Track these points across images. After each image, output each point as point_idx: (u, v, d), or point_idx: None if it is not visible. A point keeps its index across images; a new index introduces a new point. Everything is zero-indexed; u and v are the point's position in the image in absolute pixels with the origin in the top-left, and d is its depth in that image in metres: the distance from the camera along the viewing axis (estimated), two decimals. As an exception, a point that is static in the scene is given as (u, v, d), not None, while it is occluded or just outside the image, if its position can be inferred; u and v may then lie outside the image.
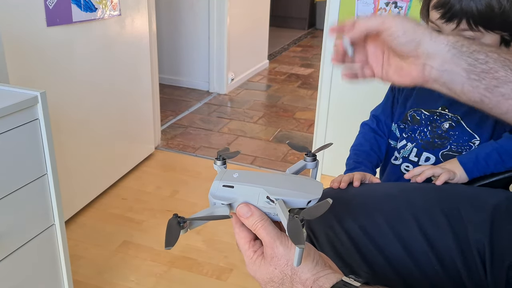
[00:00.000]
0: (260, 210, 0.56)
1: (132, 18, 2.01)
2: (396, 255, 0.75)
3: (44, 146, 1.09)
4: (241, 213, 0.56)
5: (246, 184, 0.57)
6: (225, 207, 0.57)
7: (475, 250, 0.72)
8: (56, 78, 1.64)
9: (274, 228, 0.55)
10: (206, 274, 1.58)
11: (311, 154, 0.65)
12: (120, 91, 2.04)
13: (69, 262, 1.25)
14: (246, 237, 0.57)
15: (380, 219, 0.78)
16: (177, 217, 0.53)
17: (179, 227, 0.53)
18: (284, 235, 0.54)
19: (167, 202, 2.01)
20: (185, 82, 3.60)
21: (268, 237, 0.54)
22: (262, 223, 0.54)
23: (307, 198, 0.55)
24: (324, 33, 1.99)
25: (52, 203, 1.15)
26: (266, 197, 0.55)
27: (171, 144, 2.61)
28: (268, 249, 0.54)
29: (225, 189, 0.57)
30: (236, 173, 0.58)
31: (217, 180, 0.58)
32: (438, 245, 0.74)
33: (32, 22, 1.49)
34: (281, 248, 0.53)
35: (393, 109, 1.09)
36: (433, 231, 0.74)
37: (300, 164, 0.65)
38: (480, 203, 0.76)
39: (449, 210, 0.75)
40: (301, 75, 4.17)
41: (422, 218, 0.76)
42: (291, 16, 6.35)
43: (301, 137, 2.78)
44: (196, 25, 3.38)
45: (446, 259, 0.73)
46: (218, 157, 0.64)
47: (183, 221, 0.53)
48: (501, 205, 0.75)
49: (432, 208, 0.77)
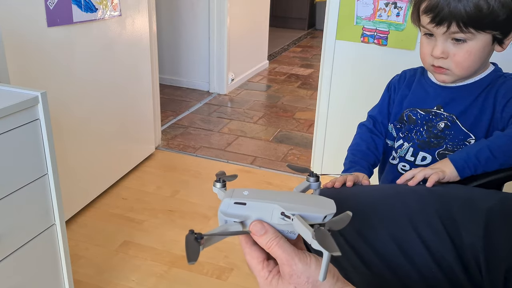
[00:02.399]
0: (274, 228, 0.54)
1: (132, 18, 2.02)
2: (392, 257, 0.75)
3: (45, 146, 1.09)
4: (255, 231, 0.53)
5: (259, 200, 0.55)
6: (237, 225, 0.55)
7: (470, 255, 0.71)
8: (57, 78, 1.65)
9: (290, 246, 0.52)
10: (206, 274, 1.58)
11: (314, 174, 0.63)
12: (121, 91, 2.04)
13: (70, 262, 1.25)
14: (259, 256, 0.54)
15: (376, 221, 0.77)
16: (193, 233, 0.51)
17: (197, 243, 0.50)
18: (301, 252, 0.52)
19: (167, 202, 2.01)
20: (185, 82, 3.60)
21: (284, 254, 0.51)
22: (278, 241, 0.52)
23: (323, 213, 0.54)
24: (324, 33, 2.00)
25: (52, 203, 1.15)
26: (281, 213, 0.53)
27: (171, 144, 2.61)
28: (286, 267, 0.51)
29: (237, 207, 0.55)
30: (246, 191, 0.56)
31: (228, 197, 0.55)
32: (435, 248, 0.73)
33: (32, 22, 1.50)
34: (300, 264, 0.51)
35: (390, 109, 1.09)
36: (429, 235, 0.74)
37: (305, 184, 0.64)
38: (473, 206, 0.75)
39: (443, 213, 0.75)
40: (301, 75, 4.18)
41: (417, 221, 0.75)
42: (291, 16, 6.35)
43: (301, 137, 2.78)
44: (196, 25, 3.38)
45: (443, 262, 0.72)
46: (218, 180, 0.62)
47: (200, 237, 0.51)
48: (494, 207, 0.74)
49: (427, 211, 0.76)
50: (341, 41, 1.97)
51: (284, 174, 2.31)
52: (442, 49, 0.90)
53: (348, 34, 1.94)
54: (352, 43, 1.95)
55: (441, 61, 0.92)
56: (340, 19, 1.92)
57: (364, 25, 1.90)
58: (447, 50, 0.90)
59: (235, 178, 0.65)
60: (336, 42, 1.97)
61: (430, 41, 0.92)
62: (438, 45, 0.90)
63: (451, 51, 0.90)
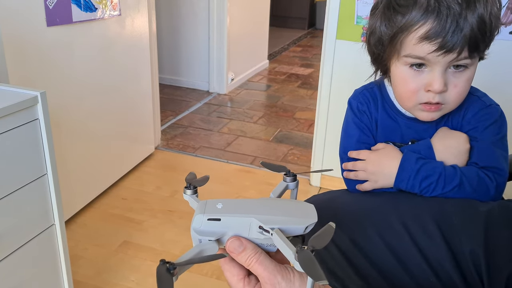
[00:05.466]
0: (252, 243, 0.50)
1: (132, 18, 2.01)
2: (389, 267, 0.72)
3: (44, 146, 1.09)
4: (232, 249, 0.49)
5: (235, 214, 0.50)
6: (213, 243, 0.51)
7: (470, 261, 0.69)
8: (56, 78, 1.64)
9: (271, 262, 0.49)
10: (206, 274, 1.58)
11: (291, 174, 0.60)
12: (120, 91, 2.04)
13: (69, 262, 1.25)
14: (239, 274, 0.51)
15: (370, 229, 0.74)
16: (165, 263, 0.46)
17: (170, 275, 0.46)
18: (283, 267, 0.49)
19: (167, 202, 2.01)
20: (185, 82, 3.60)
21: (266, 272, 0.48)
22: (257, 257, 0.49)
23: (304, 223, 0.50)
24: (324, 33, 1.99)
25: (52, 203, 1.15)
26: (259, 227, 0.49)
27: (171, 144, 2.61)
28: (268, 286, 0.48)
29: (211, 223, 0.50)
30: (220, 203, 0.51)
31: (200, 213, 0.50)
32: (431, 256, 0.70)
33: (32, 22, 1.49)
34: (284, 283, 0.48)
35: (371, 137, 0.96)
36: (424, 241, 0.71)
37: (282, 185, 0.60)
38: (472, 210, 0.73)
39: (440, 218, 0.72)
40: (301, 75, 4.17)
41: (412, 227, 0.72)
42: (291, 16, 6.36)
43: (301, 137, 2.78)
44: (196, 25, 3.38)
45: (440, 270, 0.70)
46: (188, 186, 0.57)
47: (173, 268, 0.46)
48: (493, 211, 0.72)
49: (422, 215, 0.73)
50: (341, 41, 1.96)
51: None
52: (445, 81, 0.74)
53: (348, 33, 1.94)
54: (352, 42, 1.94)
55: (440, 96, 0.75)
56: (340, 18, 1.92)
57: (364, 25, 1.90)
58: (447, 81, 0.74)
59: (206, 181, 0.60)
60: (337, 41, 1.97)
61: (420, 73, 0.75)
62: (438, 77, 0.73)
63: (451, 82, 0.74)
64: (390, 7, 0.75)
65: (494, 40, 0.76)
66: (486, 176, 0.78)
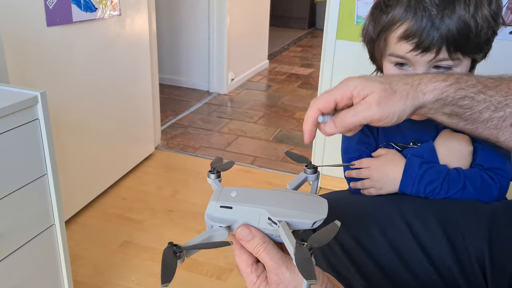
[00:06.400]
0: (261, 232, 0.52)
1: (132, 18, 2.01)
2: (391, 266, 0.73)
3: (44, 146, 1.09)
4: (241, 236, 0.52)
5: (246, 204, 0.52)
6: (223, 230, 0.53)
7: (473, 258, 0.69)
8: (56, 78, 1.64)
9: (278, 252, 0.51)
10: (206, 274, 1.58)
11: (312, 166, 0.60)
12: (120, 91, 2.04)
13: (69, 262, 1.25)
14: (248, 260, 0.53)
15: (373, 228, 0.75)
16: (172, 245, 0.48)
17: (175, 258, 0.48)
18: (289, 258, 0.51)
19: (167, 202, 2.01)
20: (185, 82, 3.60)
21: (271, 262, 0.50)
22: (265, 247, 0.51)
23: (312, 219, 0.51)
24: (324, 32, 1.99)
25: (52, 203, 1.15)
26: (268, 219, 0.51)
27: (171, 144, 2.61)
28: (273, 275, 0.50)
29: (223, 210, 0.53)
30: (234, 192, 0.54)
31: (214, 200, 0.53)
32: (434, 253, 0.71)
33: (32, 22, 1.49)
34: (288, 273, 0.49)
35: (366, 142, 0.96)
36: (427, 239, 0.72)
37: (301, 177, 0.60)
38: (476, 209, 0.74)
39: (443, 217, 0.73)
40: (301, 75, 4.17)
41: (415, 225, 0.73)
42: (291, 16, 6.36)
43: (301, 137, 2.77)
44: (196, 25, 3.38)
45: (442, 268, 0.70)
46: (212, 170, 0.58)
47: (179, 251, 0.48)
48: (498, 209, 0.73)
49: (425, 214, 0.74)
50: (341, 41, 1.96)
51: (284, 174, 2.30)
52: None
53: (348, 33, 1.94)
54: (352, 42, 1.94)
55: None
56: (340, 18, 1.92)
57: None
58: None
59: (231, 166, 0.62)
60: (337, 41, 1.97)
61: (404, 72, 0.77)
62: None
63: None
64: (378, 7, 0.78)
65: (494, 40, 0.76)
66: (489, 178, 0.79)
